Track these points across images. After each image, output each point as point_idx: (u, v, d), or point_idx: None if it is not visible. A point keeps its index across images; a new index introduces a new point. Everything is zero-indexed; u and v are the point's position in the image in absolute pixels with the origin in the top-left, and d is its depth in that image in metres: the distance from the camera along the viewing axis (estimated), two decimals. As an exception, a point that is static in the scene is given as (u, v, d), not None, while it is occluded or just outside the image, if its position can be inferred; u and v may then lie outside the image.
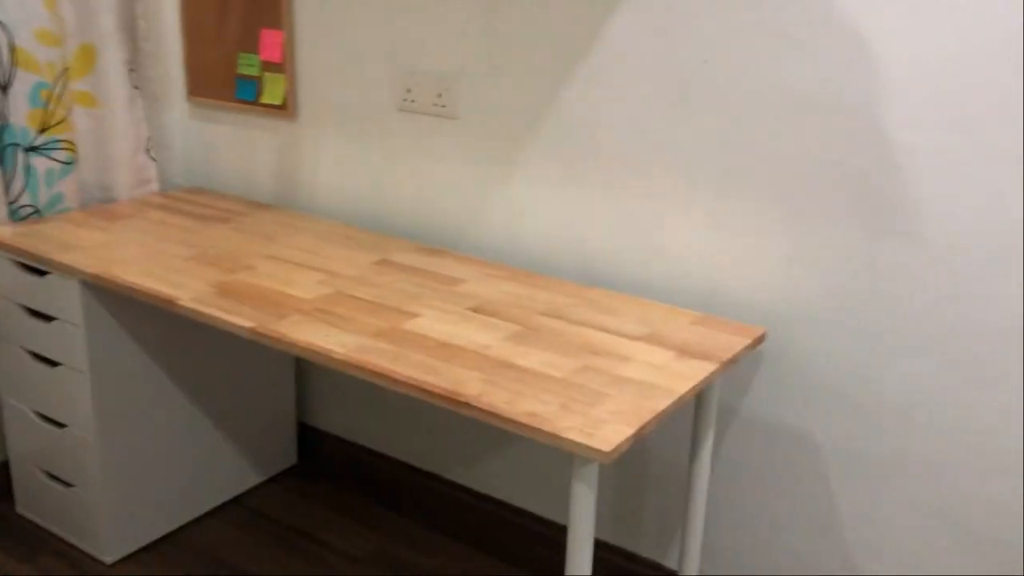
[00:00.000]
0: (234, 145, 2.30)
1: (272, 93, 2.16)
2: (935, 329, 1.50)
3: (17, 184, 2.00)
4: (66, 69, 2.02)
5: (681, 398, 1.34)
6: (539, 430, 1.23)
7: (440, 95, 1.92)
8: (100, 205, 2.16)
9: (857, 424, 1.62)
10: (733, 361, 1.50)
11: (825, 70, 1.50)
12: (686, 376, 1.40)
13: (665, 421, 1.83)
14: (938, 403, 1.53)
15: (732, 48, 1.57)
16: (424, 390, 1.33)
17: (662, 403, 1.31)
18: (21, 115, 1.98)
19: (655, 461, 1.88)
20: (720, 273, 1.69)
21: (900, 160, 1.46)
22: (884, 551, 1.64)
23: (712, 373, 1.43)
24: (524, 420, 1.24)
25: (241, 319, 1.53)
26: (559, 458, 2.02)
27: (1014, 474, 1.49)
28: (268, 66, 2.15)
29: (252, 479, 2.30)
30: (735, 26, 1.56)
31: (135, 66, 2.20)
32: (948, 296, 1.48)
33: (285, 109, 2.16)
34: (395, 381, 1.36)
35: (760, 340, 1.59)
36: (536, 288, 1.73)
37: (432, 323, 1.55)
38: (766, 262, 1.63)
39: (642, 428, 1.24)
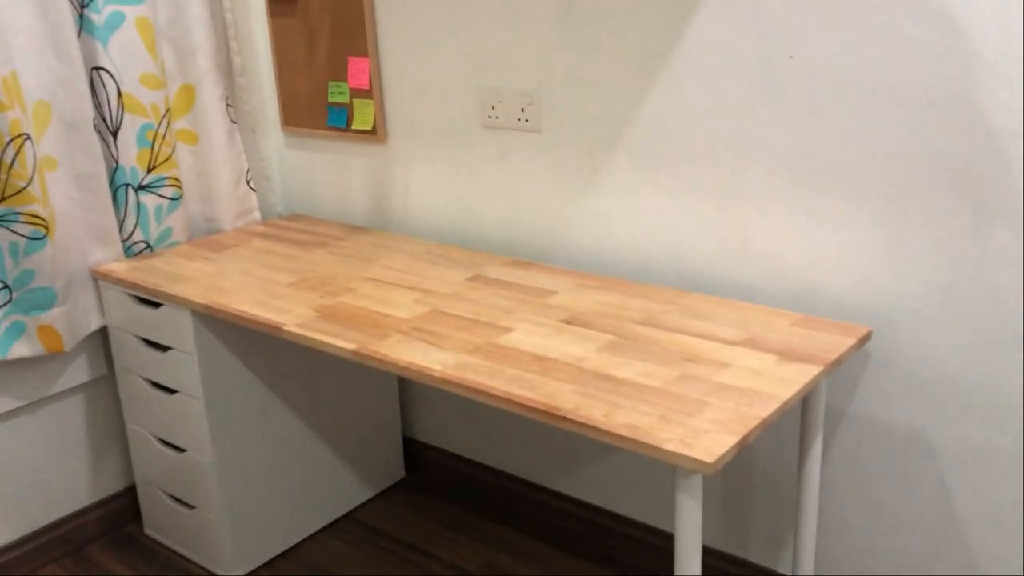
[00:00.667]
0: (328, 171, 2.37)
1: (362, 119, 2.22)
2: (1053, 319, 1.43)
3: (129, 222, 2.11)
4: (168, 110, 2.12)
5: (785, 404, 1.31)
6: (638, 442, 1.22)
7: (523, 110, 1.94)
8: (206, 237, 2.26)
9: (972, 421, 1.55)
10: (838, 362, 1.46)
11: (917, 58, 1.45)
12: (789, 380, 1.37)
13: (771, 426, 1.79)
14: (1061, 397, 1.45)
15: (818, 42, 1.54)
16: (521, 405, 1.34)
17: (765, 410, 1.28)
18: (130, 156, 2.08)
19: (762, 465, 1.84)
20: (820, 272, 1.65)
21: (1002, 146, 1.40)
22: (1008, 552, 1.57)
23: (816, 376, 1.39)
24: (623, 432, 1.24)
25: (344, 342, 1.57)
26: (663, 465, 2.00)
27: None
28: (357, 93, 2.21)
29: (362, 495, 2.36)
30: (820, 20, 1.52)
31: (232, 101, 2.29)
32: (1065, 284, 1.40)
33: (375, 134, 2.21)
34: (492, 397, 1.38)
35: (866, 339, 1.54)
36: (629, 296, 1.73)
37: (526, 337, 1.57)
38: (868, 258, 1.59)
39: (745, 437, 1.22)
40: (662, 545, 2.03)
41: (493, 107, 1.98)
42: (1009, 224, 1.43)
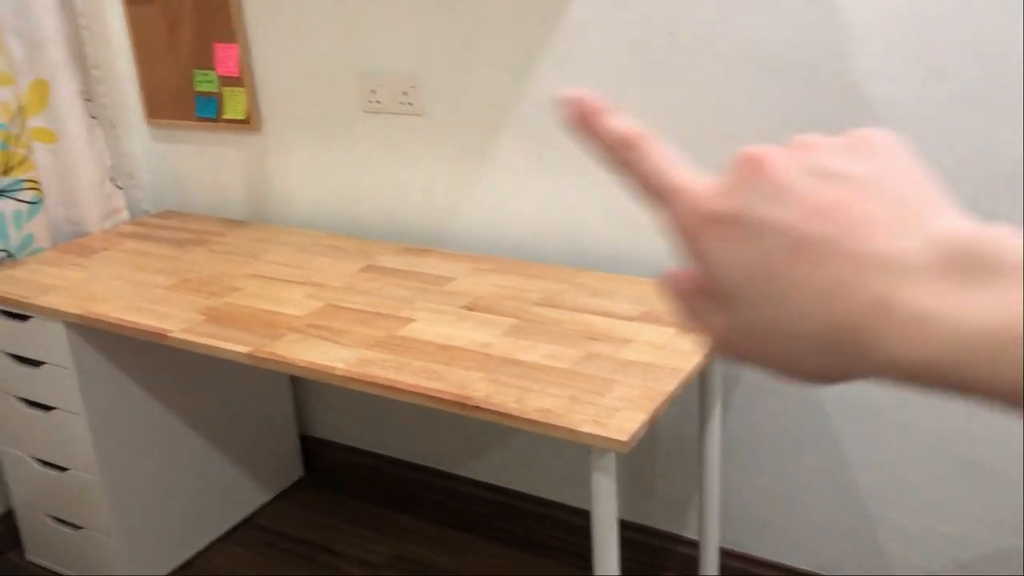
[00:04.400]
0: (200, 164, 2.27)
1: (233, 108, 2.13)
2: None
3: (-15, 230, 1.96)
4: (21, 107, 1.97)
5: (689, 376, 1.34)
6: (553, 426, 1.22)
7: (405, 93, 1.90)
8: (72, 241, 2.12)
9: (858, 376, 1.63)
10: (733, 330, 1.50)
11: (791, 28, 1.49)
12: (690, 352, 1.40)
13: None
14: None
15: (695, 17, 1.56)
16: (431, 397, 1.32)
17: (671, 384, 1.31)
18: (-19, 160, 1.93)
19: (662, 433, 1.88)
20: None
21: (876, 112, 1.46)
22: (901, 497, 1.66)
23: (714, 345, 1.43)
24: (537, 417, 1.24)
25: (236, 345, 1.51)
26: (569, 442, 2.02)
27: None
28: (226, 80, 2.11)
29: (261, 497, 2.29)
30: (698, -6, 1.55)
31: (90, 95, 2.15)
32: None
33: (249, 123, 2.12)
34: (400, 391, 1.35)
35: (756, 305, 1.59)
36: (526, 277, 1.73)
37: (428, 326, 1.54)
38: (753, 227, 1.63)
39: (656, 412, 1.24)
40: (574, 521, 2.06)
41: (374, 91, 1.93)
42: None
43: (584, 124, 0.37)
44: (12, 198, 1.98)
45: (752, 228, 0.33)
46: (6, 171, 1.97)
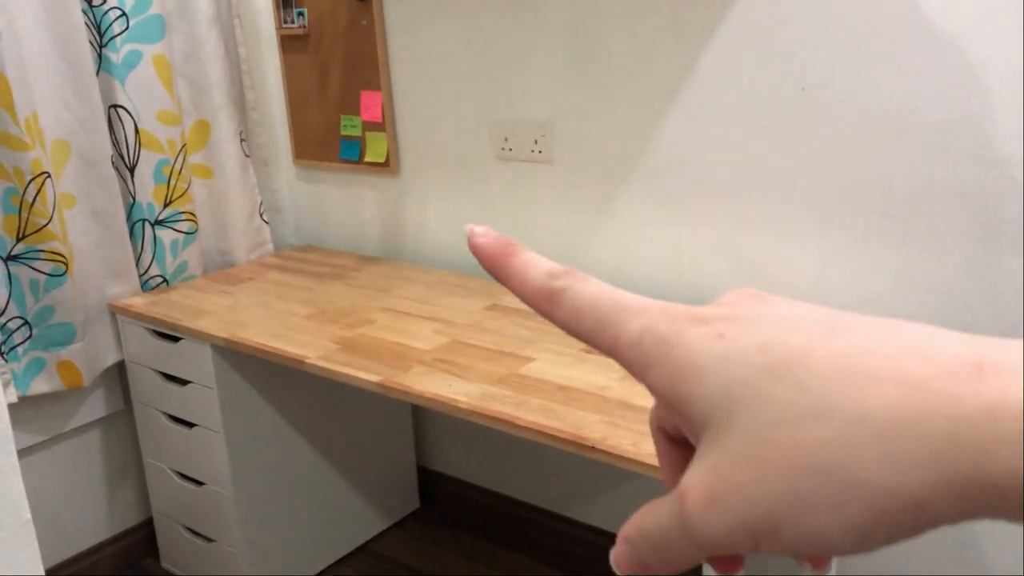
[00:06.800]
0: (341, 203, 2.40)
1: (375, 151, 2.25)
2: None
3: (146, 256, 2.13)
4: (184, 145, 2.15)
5: (807, 430, 1.33)
6: (668, 470, 1.24)
7: (536, 141, 1.97)
8: (221, 270, 2.28)
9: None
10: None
11: (927, 88, 1.48)
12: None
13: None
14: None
15: (830, 73, 1.57)
16: (549, 435, 1.36)
17: (789, 436, 1.30)
18: (147, 192, 2.11)
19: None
20: (833, 298, 1.67)
21: (1013, 173, 1.43)
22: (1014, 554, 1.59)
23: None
24: (652, 462, 1.25)
25: (368, 374, 1.59)
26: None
27: None
28: (369, 126, 2.24)
29: (378, 525, 2.37)
30: (831, 51, 1.56)
31: (245, 135, 2.32)
32: (1078, 308, 1.43)
33: (388, 166, 2.24)
34: (519, 427, 1.39)
35: (881, 364, 1.57)
36: (647, 324, 1.75)
37: (548, 366, 1.58)
38: (879, 285, 1.61)
39: (772, 463, 1.24)
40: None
41: (506, 139, 2.01)
42: (1021, 250, 1.46)
43: (501, 261, 0.33)
44: (171, 228, 2.15)
45: (760, 319, 0.28)
46: (167, 203, 2.14)
